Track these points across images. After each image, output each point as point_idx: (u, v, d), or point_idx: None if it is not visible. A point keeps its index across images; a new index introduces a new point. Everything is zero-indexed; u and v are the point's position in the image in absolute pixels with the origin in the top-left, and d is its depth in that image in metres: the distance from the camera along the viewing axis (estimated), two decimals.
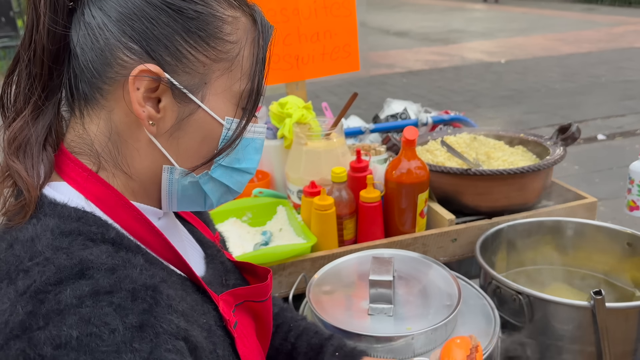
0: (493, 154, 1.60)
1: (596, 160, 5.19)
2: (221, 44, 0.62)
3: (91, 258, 0.54)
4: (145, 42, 0.59)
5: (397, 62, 9.94)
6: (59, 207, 0.59)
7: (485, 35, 12.75)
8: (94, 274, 0.53)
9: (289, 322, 0.96)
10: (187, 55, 0.60)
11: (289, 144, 1.55)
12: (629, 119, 6.34)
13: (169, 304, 0.56)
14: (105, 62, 0.60)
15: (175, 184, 0.66)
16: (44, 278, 0.51)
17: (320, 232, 1.32)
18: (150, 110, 0.60)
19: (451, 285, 1.10)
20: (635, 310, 1.07)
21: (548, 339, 1.11)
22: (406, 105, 2.11)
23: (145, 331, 0.52)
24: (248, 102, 0.66)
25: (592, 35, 11.94)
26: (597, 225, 1.36)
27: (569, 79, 8.34)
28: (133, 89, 0.59)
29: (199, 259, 0.77)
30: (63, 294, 0.50)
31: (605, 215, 3.87)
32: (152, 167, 0.64)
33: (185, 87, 0.61)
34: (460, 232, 1.40)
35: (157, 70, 0.59)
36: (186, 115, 0.62)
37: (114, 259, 0.56)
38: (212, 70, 0.62)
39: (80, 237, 0.56)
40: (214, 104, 0.64)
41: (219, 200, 0.71)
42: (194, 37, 0.60)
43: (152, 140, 0.62)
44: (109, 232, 0.59)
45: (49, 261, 0.53)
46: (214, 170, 0.67)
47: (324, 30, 1.76)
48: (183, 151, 0.64)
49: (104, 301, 0.51)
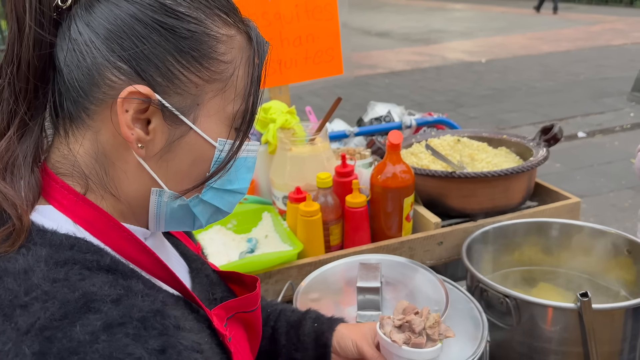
0: (477, 155, 1.60)
1: (577, 157, 5.26)
2: (215, 64, 0.59)
3: (94, 290, 0.52)
4: (135, 62, 0.56)
5: (379, 63, 9.98)
6: (49, 234, 0.56)
7: (465, 35, 12.87)
8: (100, 306, 0.51)
9: (267, 308, 0.96)
10: (179, 76, 0.58)
11: (273, 150, 1.54)
12: (607, 117, 6.44)
13: (177, 324, 0.55)
14: (92, 82, 0.57)
15: (164, 206, 0.64)
16: (48, 314, 0.48)
17: (307, 238, 1.31)
18: (139, 132, 0.57)
19: (439, 290, 1.09)
20: (621, 311, 1.08)
21: (536, 341, 1.11)
22: (390, 108, 2.12)
23: (167, 352, 0.51)
24: (242, 122, 0.64)
25: (570, 34, 12.12)
26: (581, 225, 1.37)
27: (549, 77, 8.45)
28: (122, 111, 0.56)
29: (185, 274, 0.76)
30: (73, 331, 0.48)
31: (588, 213, 3.92)
32: (140, 190, 0.62)
33: (177, 109, 0.58)
34: (446, 235, 1.40)
35: (147, 91, 0.56)
36: (177, 138, 0.60)
37: (115, 288, 0.53)
38: (205, 92, 0.60)
39: (76, 267, 0.54)
40: (206, 125, 0.61)
41: (208, 221, 0.69)
42: (186, 57, 0.58)
43: (141, 163, 0.60)
44: (104, 259, 0.56)
45: (50, 295, 0.50)
46: (205, 193, 0.65)
47: (306, 34, 1.75)
48: (173, 174, 0.62)
49: (120, 333, 0.50)
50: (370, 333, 0.86)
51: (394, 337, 0.77)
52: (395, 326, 0.79)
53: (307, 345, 0.89)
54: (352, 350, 0.85)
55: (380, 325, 0.81)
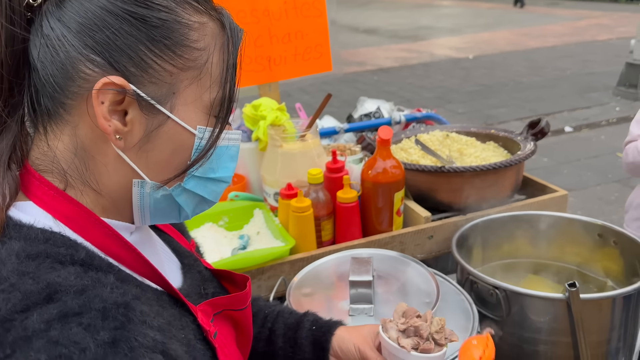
0: (465, 150, 1.62)
1: (564, 152, 5.32)
2: (188, 51, 0.60)
3: (59, 281, 0.51)
4: (108, 54, 0.56)
5: (367, 60, 9.99)
6: (25, 228, 0.56)
7: (453, 31, 12.93)
8: (62, 297, 0.50)
9: (264, 309, 0.96)
10: (153, 65, 0.58)
11: (264, 147, 1.54)
12: (594, 111, 6.51)
13: (143, 320, 0.54)
14: (67, 76, 0.57)
15: (146, 198, 0.64)
16: (10, 306, 0.49)
17: (299, 234, 1.32)
18: (116, 123, 0.58)
19: (429, 282, 1.11)
20: (608, 301, 1.10)
21: (525, 332, 1.13)
22: (379, 104, 2.13)
23: (118, 346, 0.50)
24: (220, 109, 0.64)
25: (556, 29, 12.21)
26: (568, 217, 1.39)
27: (536, 72, 8.52)
28: (97, 103, 0.56)
29: (176, 270, 0.76)
30: (30, 320, 0.48)
31: (575, 206, 3.96)
32: (121, 182, 0.62)
33: (153, 98, 0.59)
34: (436, 229, 1.41)
35: (122, 82, 0.56)
36: (155, 127, 0.60)
37: (82, 279, 0.53)
38: (180, 80, 0.60)
39: (48, 260, 0.54)
40: (184, 114, 0.61)
41: (194, 211, 0.69)
42: (159, 45, 0.58)
43: (121, 155, 0.61)
44: (79, 253, 0.57)
45: (15, 287, 0.50)
46: (187, 181, 0.65)
47: (295, 31, 1.75)
48: (153, 164, 0.62)
49: (73, 322, 0.49)
50: (371, 336, 0.86)
51: (402, 342, 0.77)
52: (400, 330, 0.79)
53: (305, 348, 0.88)
54: (355, 355, 0.85)
55: (384, 329, 0.80)
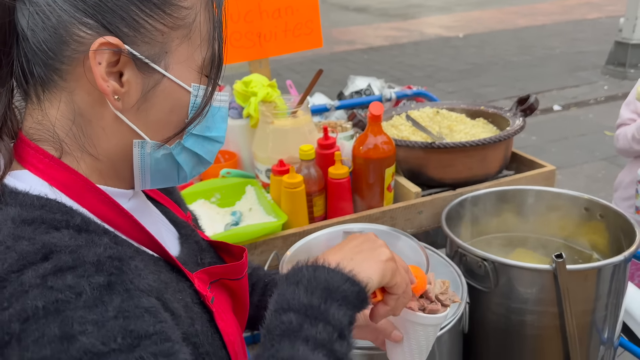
0: (455, 127, 1.63)
1: (552, 130, 5.35)
2: (176, 10, 0.61)
3: (54, 242, 0.53)
4: (101, 15, 0.57)
5: (357, 39, 9.93)
6: (21, 195, 0.57)
7: (443, 9, 12.84)
8: (56, 255, 0.52)
9: (264, 279, 0.97)
10: (145, 25, 0.59)
11: (255, 123, 1.54)
12: (582, 90, 6.54)
13: (138, 273, 0.56)
14: (60, 41, 0.58)
15: (147, 158, 0.65)
16: (6, 265, 0.50)
17: (291, 209, 1.33)
18: (114, 84, 0.59)
19: (419, 254, 1.13)
20: (593, 271, 1.13)
21: (513, 302, 1.16)
22: (370, 82, 2.13)
23: (114, 288, 0.52)
24: (211, 68, 0.66)
25: (546, 8, 12.17)
26: (555, 192, 1.41)
27: (525, 51, 8.51)
28: (95, 63, 0.57)
29: (173, 239, 0.77)
30: (25, 276, 0.50)
31: (563, 184, 4.01)
32: (120, 145, 0.63)
33: (147, 57, 0.60)
34: (426, 204, 1.43)
35: (117, 42, 0.57)
36: (151, 87, 0.61)
37: (77, 240, 0.55)
38: (172, 39, 0.61)
39: (44, 225, 0.55)
40: (178, 72, 0.63)
41: (191, 172, 0.70)
42: (148, 5, 0.59)
43: (119, 117, 0.61)
44: (74, 219, 0.58)
45: (10, 249, 0.51)
46: (186, 139, 0.66)
47: (285, 7, 1.74)
48: (152, 123, 0.63)
49: (69, 274, 0.51)
50: None
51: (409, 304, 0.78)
52: None
53: None
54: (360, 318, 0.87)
55: None
